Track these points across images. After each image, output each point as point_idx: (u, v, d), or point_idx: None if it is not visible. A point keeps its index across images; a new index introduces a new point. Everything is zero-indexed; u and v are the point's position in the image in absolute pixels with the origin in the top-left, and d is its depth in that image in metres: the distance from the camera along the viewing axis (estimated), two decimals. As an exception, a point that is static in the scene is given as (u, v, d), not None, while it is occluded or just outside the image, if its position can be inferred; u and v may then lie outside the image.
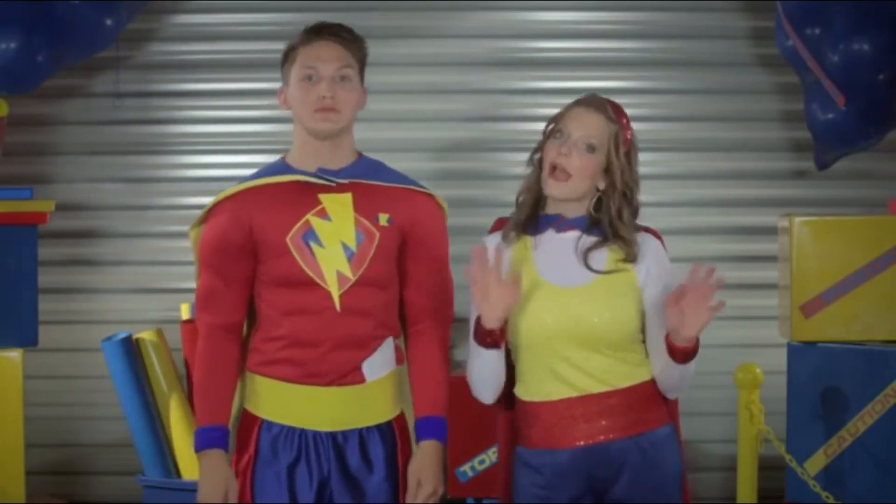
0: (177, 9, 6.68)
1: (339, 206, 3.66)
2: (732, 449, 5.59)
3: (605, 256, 3.59)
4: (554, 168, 3.57)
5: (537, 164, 3.64)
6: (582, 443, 3.56)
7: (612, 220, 3.59)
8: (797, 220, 5.62)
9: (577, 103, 3.64)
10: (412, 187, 3.78)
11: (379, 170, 3.77)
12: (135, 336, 6.05)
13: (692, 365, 3.56)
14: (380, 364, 3.69)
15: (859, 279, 5.57)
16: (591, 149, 3.57)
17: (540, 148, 3.64)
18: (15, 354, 5.63)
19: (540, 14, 6.70)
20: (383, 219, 3.68)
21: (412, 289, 3.75)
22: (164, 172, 6.70)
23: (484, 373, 3.62)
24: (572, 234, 3.62)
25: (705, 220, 6.67)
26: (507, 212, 3.81)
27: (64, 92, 6.61)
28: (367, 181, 3.71)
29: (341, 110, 3.65)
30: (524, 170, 3.71)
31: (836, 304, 5.57)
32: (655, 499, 3.57)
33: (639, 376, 3.59)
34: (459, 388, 5.87)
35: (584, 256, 3.58)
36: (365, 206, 3.68)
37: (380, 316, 3.68)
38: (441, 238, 3.80)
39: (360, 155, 3.78)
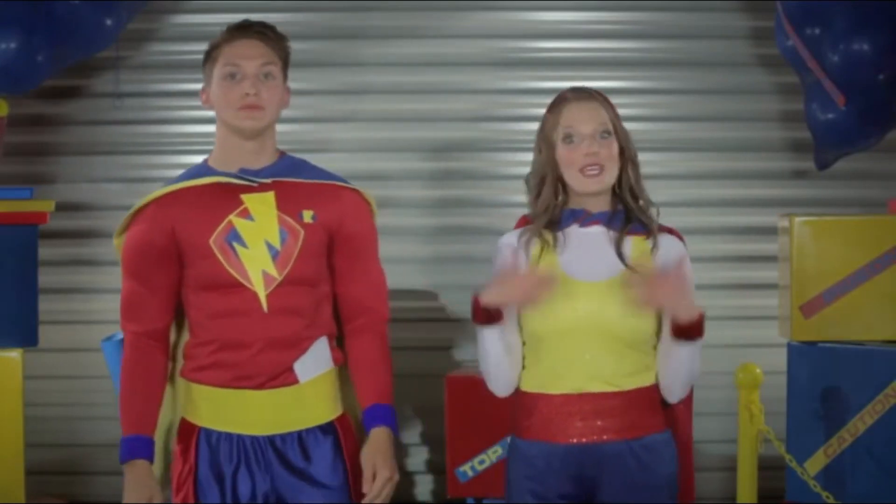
0: (177, 9, 6.68)
1: (262, 205, 3.63)
2: (732, 449, 5.58)
3: (630, 246, 3.63)
4: (583, 168, 3.60)
5: (551, 181, 3.65)
6: (576, 440, 3.57)
7: (632, 189, 3.67)
8: (797, 220, 5.62)
9: (566, 102, 3.66)
10: (337, 183, 3.73)
11: (302, 168, 3.73)
12: (135, 336, 6.04)
13: (696, 361, 3.60)
14: (313, 364, 3.65)
15: (859, 279, 5.57)
16: (608, 133, 3.63)
17: (541, 167, 3.66)
18: (15, 354, 5.63)
19: (540, 14, 6.70)
20: (307, 216, 3.64)
21: (344, 285, 3.71)
22: (164, 172, 6.66)
23: (490, 358, 3.59)
24: (596, 229, 3.65)
25: (705, 220, 6.66)
26: (506, 212, 3.82)
27: (64, 92, 6.61)
28: (290, 179, 3.67)
29: (265, 107, 3.62)
30: (525, 170, 3.72)
31: (836, 304, 5.57)
32: (647, 500, 3.57)
33: (642, 380, 3.60)
34: (459, 387, 5.90)
35: (619, 247, 3.61)
36: (288, 204, 3.64)
37: (310, 315, 3.64)
38: (370, 233, 3.75)
39: (282, 154, 3.74)
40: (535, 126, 3.74)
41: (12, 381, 5.61)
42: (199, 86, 6.55)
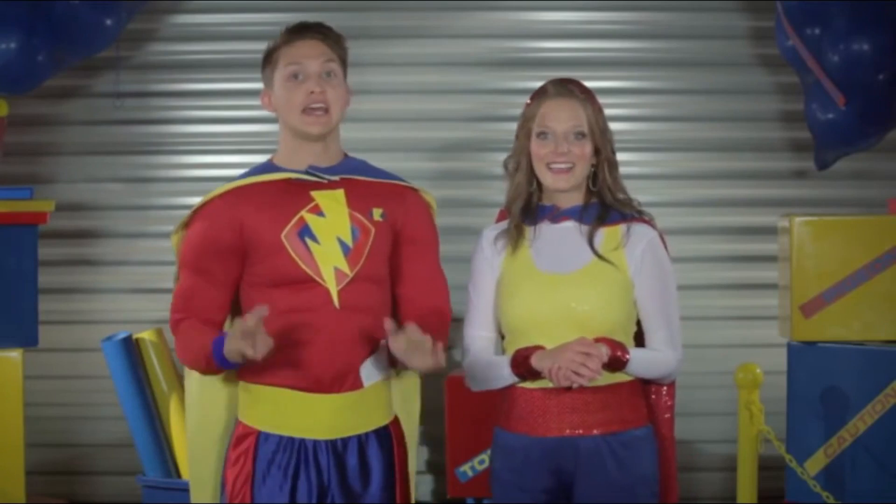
0: (177, 9, 6.68)
1: (333, 202, 3.62)
2: (732, 449, 5.59)
3: (602, 237, 3.64)
4: (551, 164, 3.64)
5: (525, 170, 3.69)
6: (553, 435, 3.58)
7: (609, 187, 3.68)
8: (797, 220, 5.62)
9: (545, 97, 3.70)
10: (400, 183, 3.75)
11: (367, 167, 3.74)
12: (135, 336, 6.05)
13: (649, 371, 3.64)
14: (375, 368, 3.63)
15: (859, 279, 5.57)
16: (581, 135, 3.65)
17: (517, 154, 3.70)
18: (15, 354, 5.63)
19: (540, 14, 6.70)
20: (377, 214, 3.65)
21: (407, 286, 3.70)
22: (164, 172, 6.70)
23: (494, 384, 3.69)
24: (567, 224, 3.67)
25: (705, 220, 6.66)
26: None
27: (64, 92, 6.62)
28: (358, 177, 3.68)
29: (331, 108, 3.61)
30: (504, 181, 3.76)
31: (836, 304, 5.57)
32: (624, 500, 3.56)
33: (620, 376, 3.60)
34: (459, 387, 5.89)
35: (591, 238, 3.63)
36: (358, 201, 3.64)
37: (378, 314, 3.61)
38: (433, 233, 3.77)
39: (345, 154, 3.75)
40: (535, 126, 3.76)
41: (12, 381, 5.61)
42: (198, 86, 6.70)
